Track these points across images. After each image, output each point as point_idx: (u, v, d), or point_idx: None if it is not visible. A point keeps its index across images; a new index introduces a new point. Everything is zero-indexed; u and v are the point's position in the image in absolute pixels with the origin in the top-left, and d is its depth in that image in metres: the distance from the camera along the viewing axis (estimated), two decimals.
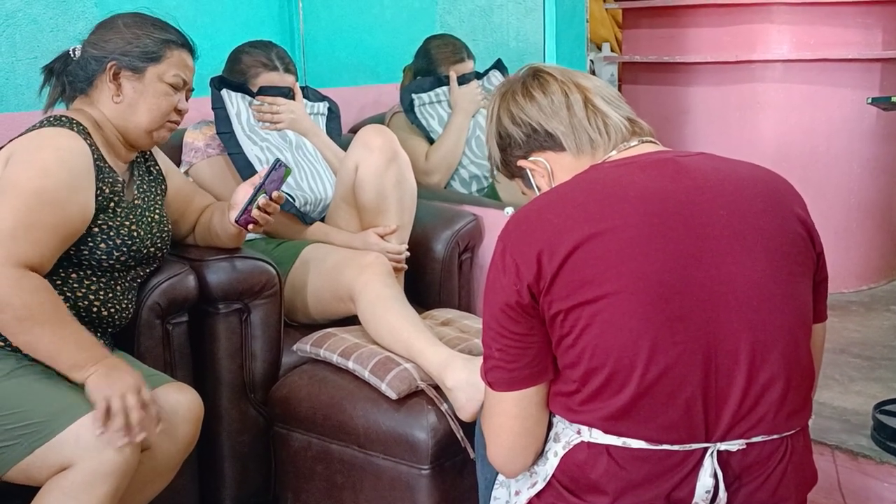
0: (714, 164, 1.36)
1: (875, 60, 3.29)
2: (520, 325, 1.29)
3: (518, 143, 1.47)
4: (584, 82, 1.47)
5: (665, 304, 1.23)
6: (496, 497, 1.51)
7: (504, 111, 1.48)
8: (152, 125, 1.94)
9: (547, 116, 1.44)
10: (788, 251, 1.30)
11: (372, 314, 2.17)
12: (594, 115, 1.43)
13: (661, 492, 1.26)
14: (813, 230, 1.35)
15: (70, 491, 1.57)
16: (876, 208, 3.46)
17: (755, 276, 1.26)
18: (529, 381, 1.32)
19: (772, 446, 1.28)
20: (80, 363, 1.67)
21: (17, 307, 1.63)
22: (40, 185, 1.72)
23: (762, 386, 1.26)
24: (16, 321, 1.64)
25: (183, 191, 2.18)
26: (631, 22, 3.74)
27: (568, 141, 1.43)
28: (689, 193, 1.29)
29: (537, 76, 1.48)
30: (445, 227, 2.65)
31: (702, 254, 1.26)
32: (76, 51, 1.97)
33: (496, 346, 1.32)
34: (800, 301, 1.31)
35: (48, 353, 1.68)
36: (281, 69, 2.66)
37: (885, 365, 2.61)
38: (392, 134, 2.46)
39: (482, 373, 1.36)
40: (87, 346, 1.70)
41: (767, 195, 1.33)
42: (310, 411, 2.14)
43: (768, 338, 1.26)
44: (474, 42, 3.71)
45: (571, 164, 1.43)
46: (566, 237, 1.25)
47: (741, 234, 1.28)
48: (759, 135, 3.34)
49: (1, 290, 1.62)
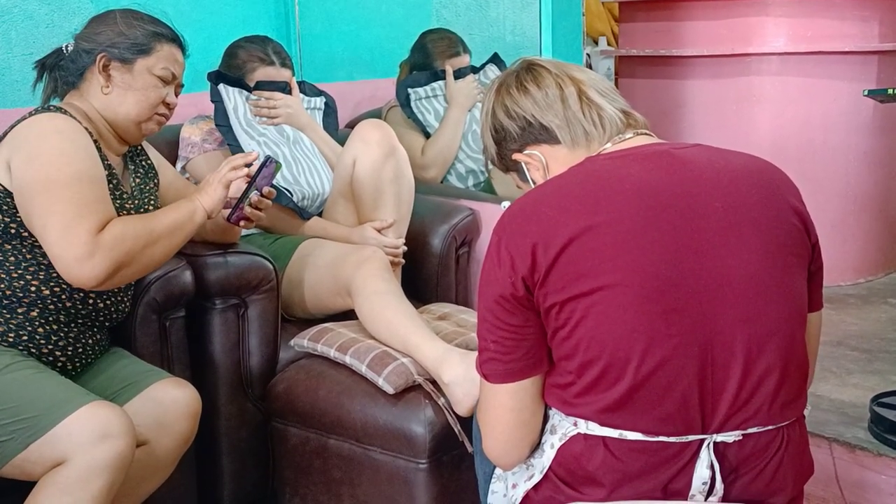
0: (709, 156, 1.36)
1: (871, 53, 3.29)
2: (515, 317, 1.29)
3: (513, 136, 1.47)
4: (579, 75, 1.47)
5: (660, 296, 1.23)
6: (494, 491, 1.51)
7: (499, 105, 1.48)
8: (140, 116, 1.95)
9: (541, 109, 1.44)
10: (784, 242, 1.30)
11: (369, 309, 2.17)
12: (589, 107, 1.43)
13: (657, 483, 1.26)
14: (808, 220, 1.35)
15: (65, 486, 1.57)
16: (873, 201, 3.46)
17: (751, 268, 1.27)
18: (525, 372, 1.32)
19: (768, 437, 1.29)
20: (189, 209, 1.88)
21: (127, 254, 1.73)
22: (72, 170, 1.74)
23: (758, 377, 1.26)
24: (140, 262, 1.77)
25: (175, 185, 2.18)
26: (627, 15, 3.73)
27: (563, 134, 1.43)
28: (684, 185, 1.29)
29: (531, 69, 1.48)
30: (442, 221, 2.65)
31: (697, 246, 1.26)
32: (68, 46, 1.97)
33: (491, 337, 1.32)
34: (795, 292, 1.31)
35: (172, 238, 1.84)
36: (277, 63, 2.66)
37: (882, 357, 2.61)
38: (389, 128, 2.45)
39: (477, 365, 1.37)
40: (175, 207, 1.89)
41: (762, 186, 1.33)
42: (307, 406, 2.14)
43: (764, 329, 1.26)
44: (470, 36, 3.71)
45: (566, 156, 1.44)
46: (561, 229, 1.25)
47: (736, 225, 1.28)
48: (756, 128, 3.34)
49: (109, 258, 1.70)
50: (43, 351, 1.80)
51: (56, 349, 1.81)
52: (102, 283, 1.72)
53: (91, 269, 1.69)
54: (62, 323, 1.83)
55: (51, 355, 1.81)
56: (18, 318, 1.78)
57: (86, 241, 1.68)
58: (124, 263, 1.73)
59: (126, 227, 1.75)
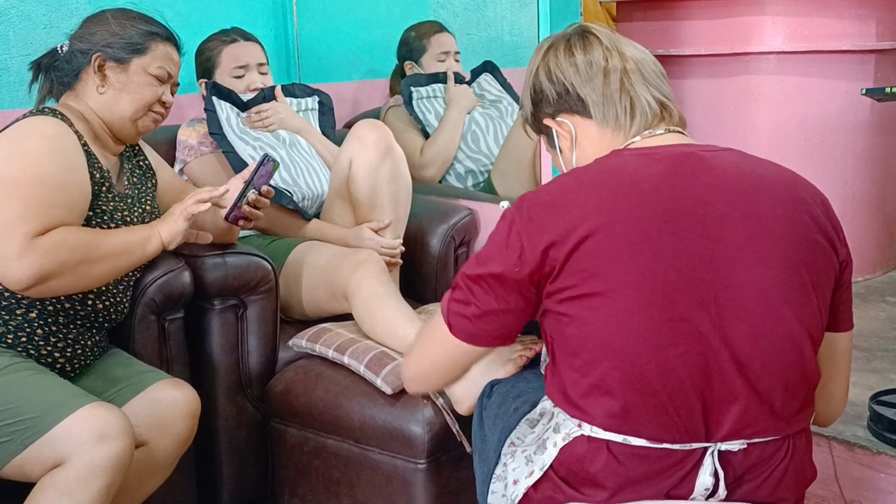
0: (737, 163, 1.33)
1: (869, 52, 3.29)
2: (508, 295, 1.30)
3: (549, 100, 1.46)
4: (630, 52, 1.44)
5: (669, 304, 1.22)
6: (493, 491, 1.51)
7: (543, 66, 1.46)
8: (136, 115, 1.95)
9: (582, 80, 1.42)
10: (803, 259, 1.27)
11: (367, 312, 2.17)
12: (626, 90, 1.40)
13: (660, 490, 1.26)
14: (836, 238, 1.32)
15: (64, 487, 1.57)
16: (870, 200, 3.46)
17: (763, 283, 1.24)
18: (487, 341, 1.35)
19: (773, 446, 1.28)
20: (142, 241, 1.82)
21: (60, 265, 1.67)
22: (37, 172, 1.72)
23: (761, 393, 1.24)
24: (73, 276, 1.70)
25: (173, 185, 2.18)
26: (625, 15, 3.73)
27: (596, 110, 1.41)
28: (706, 191, 1.27)
29: (585, 36, 1.45)
30: (441, 221, 2.65)
31: (712, 255, 1.24)
32: (63, 46, 1.98)
33: (475, 301, 1.32)
34: (809, 311, 1.27)
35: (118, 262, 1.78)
36: (241, 39, 2.64)
37: (880, 356, 2.61)
38: (386, 129, 2.45)
39: (444, 306, 1.36)
40: (131, 230, 1.84)
41: (788, 200, 1.29)
42: (306, 406, 2.14)
43: (771, 345, 1.24)
44: (468, 36, 3.71)
45: (595, 135, 1.42)
46: (577, 227, 1.24)
47: (755, 238, 1.25)
48: (754, 127, 3.33)
49: (37, 264, 1.64)
50: (42, 352, 1.79)
51: (55, 350, 1.81)
52: (28, 287, 1.66)
53: (18, 270, 1.65)
54: (61, 324, 1.82)
55: (49, 356, 1.81)
56: (17, 320, 1.78)
57: (20, 241, 1.64)
58: (54, 273, 1.67)
59: (68, 237, 1.70)
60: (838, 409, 1.47)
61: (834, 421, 1.50)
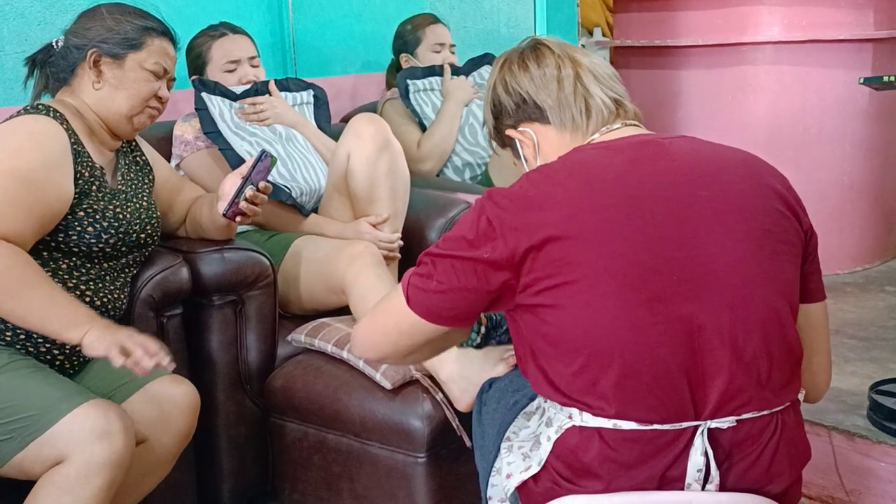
0: (694, 146, 1.38)
1: (866, 40, 3.29)
2: (469, 277, 1.30)
3: (509, 112, 1.51)
4: (581, 58, 1.50)
5: (643, 284, 1.24)
6: (493, 484, 1.51)
7: (500, 80, 1.52)
8: (132, 111, 1.94)
9: (537, 88, 1.47)
10: (770, 229, 1.31)
11: (363, 306, 2.16)
12: (580, 93, 1.46)
13: (654, 473, 1.27)
14: (798, 208, 1.36)
15: (65, 485, 1.57)
16: (869, 189, 3.46)
17: (736, 256, 1.28)
18: (442, 320, 1.35)
19: (762, 422, 1.29)
20: (74, 320, 1.63)
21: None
22: (12, 165, 1.71)
23: (746, 364, 1.27)
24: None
25: (170, 181, 2.17)
26: (622, 6, 3.73)
27: (553, 115, 1.46)
28: (668, 175, 1.31)
29: (536, 48, 1.51)
30: (439, 214, 2.64)
31: (681, 234, 1.27)
32: (59, 42, 1.97)
33: (437, 277, 1.33)
34: (784, 279, 1.31)
35: (39, 314, 1.62)
36: (230, 33, 2.63)
37: (880, 345, 2.62)
38: (384, 122, 2.44)
39: (406, 279, 1.37)
40: (77, 305, 1.68)
41: (748, 175, 1.34)
42: (305, 401, 2.14)
43: (750, 315, 1.27)
44: (465, 29, 3.70)
45: (555, 139, 1.47)
46: (547, 219, 1.26)
47: (721, 213, 1.29)
48: (752, 117, 3.34)
49: None
50: (41, 349, 1.79)
51: (54, 347, 1.81)
52: None
53: None
54: None
55: (48, 353, 1.80)
56: None
57: None
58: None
59: (7, 261, 1.61)
60: (824, 380, 1.51)
61: (822, 394, 1.53)
